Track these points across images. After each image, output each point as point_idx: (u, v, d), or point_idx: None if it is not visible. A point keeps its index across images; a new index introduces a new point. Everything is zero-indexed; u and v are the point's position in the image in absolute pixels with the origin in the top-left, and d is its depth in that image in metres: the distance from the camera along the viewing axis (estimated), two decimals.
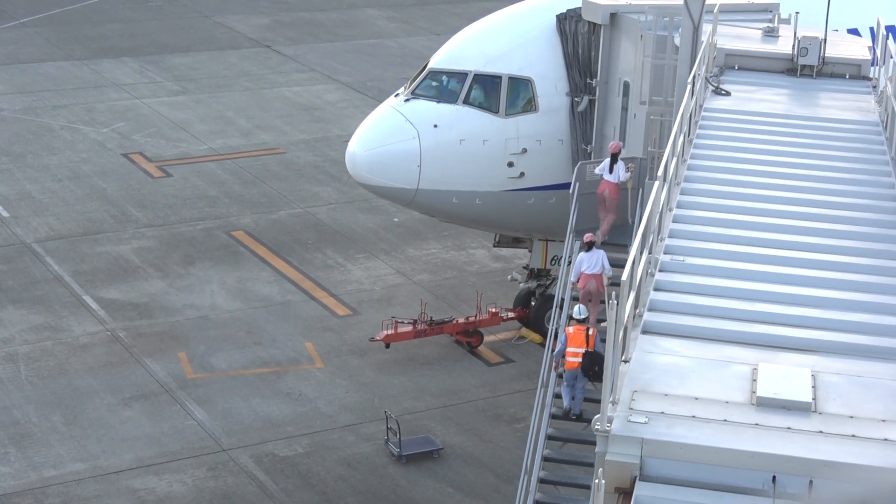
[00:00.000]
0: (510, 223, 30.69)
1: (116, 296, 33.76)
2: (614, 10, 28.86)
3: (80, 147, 44.38)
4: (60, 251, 36.32)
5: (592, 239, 24.32)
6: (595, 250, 24.21)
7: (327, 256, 36.47)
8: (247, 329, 32.26)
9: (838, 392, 14.88)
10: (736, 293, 17.44)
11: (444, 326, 31.26)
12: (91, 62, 54.30)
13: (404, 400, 29.33)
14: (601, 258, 24.12)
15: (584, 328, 22.27)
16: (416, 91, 29.58)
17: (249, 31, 60.23)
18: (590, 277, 24.08)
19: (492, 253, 36.37)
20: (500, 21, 30.79)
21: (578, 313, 22.45)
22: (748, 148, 22.66)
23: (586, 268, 24.11)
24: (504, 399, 29.61)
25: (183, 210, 39.35)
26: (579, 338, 22.21)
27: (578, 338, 22.22)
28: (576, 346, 22.23)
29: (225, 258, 36.17)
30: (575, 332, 22.27)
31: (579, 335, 22.22)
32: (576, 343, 22.23)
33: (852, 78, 27.19)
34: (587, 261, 24.13)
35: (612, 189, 25.86)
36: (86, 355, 30.82)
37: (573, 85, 29.51)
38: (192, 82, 52.06)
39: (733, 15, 29.51)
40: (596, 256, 24.15)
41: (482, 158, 29.16)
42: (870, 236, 19.50)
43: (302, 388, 29.65)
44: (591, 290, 24.03)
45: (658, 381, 14.91)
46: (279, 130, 46.72)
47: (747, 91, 25.94)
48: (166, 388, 29.48)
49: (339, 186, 41.19)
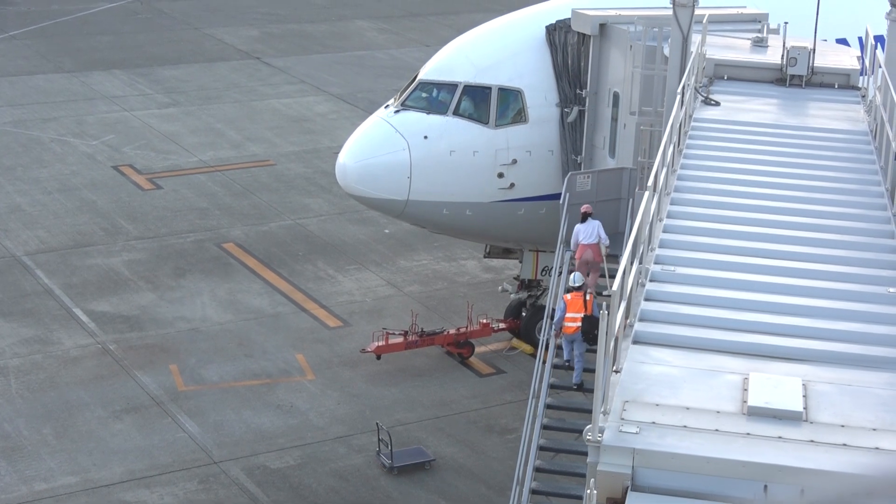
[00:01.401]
0: (501, 234, 30.71)
1: (107, 308, 33.72)
2: (603, 20, 28.91)
3: (70, 159, 44.35)
4: (51, 264, 36.27)
5: (589, 210, 25.22)
6: (591, 220, 25.12)
7: (318, 268, 36.46)
8: (238, 341, 32.24)
9: (829, 401, 14.89)
10: (727, 303, 17.46)
11: (435, 337, 31.26)
12: (81, 74, 54.29)
13: (396, 411, 29.31)
14: (597, 228, 25.04)
15: (581, 294, 23.14)
16: (406, 102, 29.60)
17: (239, 42, 60.24)
18: (587, 247, 24.93)
19: (482, 264, 36.38)
20: (489, 32, 30.84)
21: (574, 281, 23.31)
22: (738, 158, 22.69)
23: (583, 238, 25.00)
24: (495, 410, 29.61)
25: (173, 222, 39.32)
26: (577, 303, 23.10)
27: (577, 303, 23.11)
28: (574, 312, 23.11)
29: (215, 270, 36.15)
30: (573, 298, 23.16)
31: (577, 301, 23.10)
32: (574, 308, 23.12)
33: (841, 88, 27.26)
34: (583, 231, 25.04)
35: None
36: (76, 368, 30.77)
37: (563, 95, 29.56)
38: (181, 94, 52.05)
39: (722, 25, 29.57)
40: (592, 227, 25.08)
41: (472, 169, 29.19)
42: (860, 245, 19.54)
43: (293, 400, 29.61)
44: (587, 260, 24.86)
45: (649, 392, 14.91)
46: (269, 142, 46.72)
47: (737, 101, 25.98)
48: (157, 400, 29.43)
49: (330, 198, 41.19)
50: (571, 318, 23.15)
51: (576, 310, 23.12)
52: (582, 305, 23.05)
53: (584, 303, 23.05)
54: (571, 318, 23.15)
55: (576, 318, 23.04)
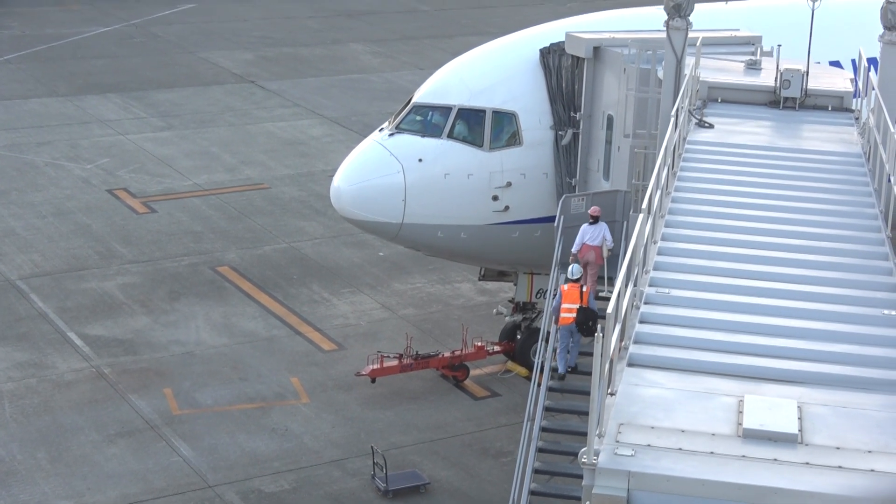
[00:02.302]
0: (495, 257, 30.71)
1: (101, 332, 33.67)
2: (597, 43, 28.97)
3: (64, 183, 44.34)
4: (45, 288, 36.23)
5: (597, 213, 25.76)
6: (599, 223, 25.74)
7: (313, 291, 36.44)
8: (232, 364, 32.19)
9: (824, 423, 14.89)
10: (721, 325, 17.46)
11: (429, 360, 31.22)
12: (75, 98, 54.33)
13: (391, 434, 29.25)
14: (603, 231, 25.69)
15: (577, 285, 23.59)
16: (401, 125, 29.63)
17: (234, 66, 60.32)
18: (590, 248, 25.53)
19: (477, 286, 36.37)
20: (483, 55, 30.89)
21: (571, 273, 23.83)
22: (732, 180, 22.73)
23: (588, 239, 25.62)
24: (490, 433, 29.56)
25: (168, 246, 39.30)
26: (573, 294, 23.49)
27: (572, 294, 23.49)
28: (570, 303, 23.46)
29: (210, 294, 36.11)
30: (569, 289, 23.59)
31: (573, 292, 23.51)
32: (570, 299, 23.47)
33: (835, 110, 27.32)
34: (590, 233, 25.67)
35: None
36: (70, 392, 30.71)
37: (557, 118, 29.60)
38: (176, 118, 52.09)
39: (716, 48, 29.63)
40: (598, 229, 25.74)
41: (467, 192, 29.20)
42: (855, 267, 19.56)
43: (288, 424, 29.56)
44: (589, 261, 25.44)
45: (644, 414, 14.91)
46: (264, 165, 46.74)
47: (730, 123, 26.03)
48: (151, 424, 29.37)
49: (325, 221, 41.19)
50: (567, 308, 23.51)
51: (571, 301, 23.49)
52: (578, 297, 23.45)
53: (580, 294, 23.46)
54: (567, 308, 23.51)
55: (571, 308, 23.43)
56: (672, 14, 26.36)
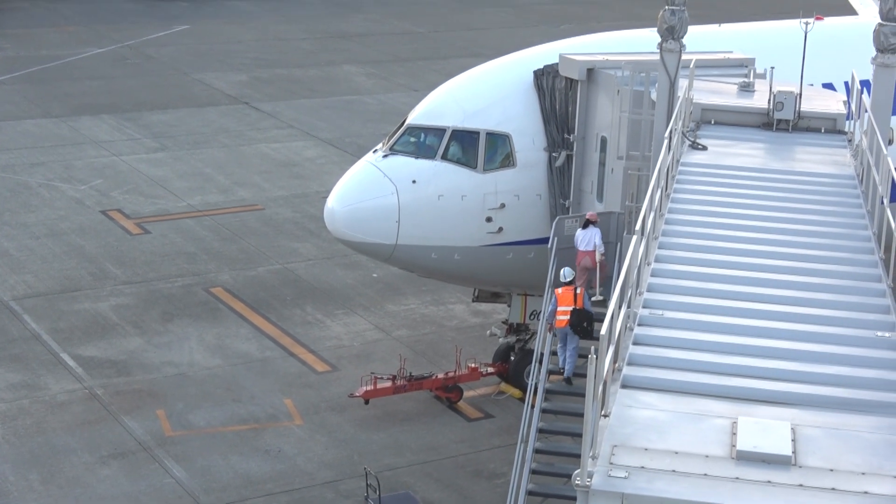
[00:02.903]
0: (489, 278, 30.71)
1: (94, 353, 33.62)
2: (591, 65, 29.04)
3: (58, 204, 44.32)
4: (38, 309, 36.18)
5: (590, 217, 26.34)
6: (591, 228, 26.26)
7: (306, 312, 36.41)
8: (225, 386, 32.14)
9: (818, 445, 14.89)
10: (715, 347, 17.47)
11: (423, 382, 31.19)
12: (69, 119, 54.35)
13: (384, 456, 29.21)
14: (594, 236, 26.13)
15: (571, 288, 24.20)
16: (395, 147, 29.66)
17: (227, 87, 60.38)
18: (585, 254, 26.09)
19: (471, 308, 36.35)
20: (477, 77, 30.94)
21: (564, 276, 24.46)
22: (725, 202, 22.77)
23: (580, 244, 26.26)
24: (484, 455, 29.52)
25: (161, 267, 39.27)
26: (567, 297, 24.08)
27: (567, 297, 24.09)
28: (564, 305, 24.06)
29: (203, 315, 36.08)
30: (563, 292, 24.18)
31: (567, 294, 24.10)
32: (564, 302, 24.08)
33: (828, 132, 27.39)
34: (581, 238, 26.25)
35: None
36: (63, 413, 30.64)
37: (551, 140, 29.64)
38: (170, 139, 52.12)
39: (709, 70, 29.71)
40: (589, 235, 26.20)
41: (460, 214, 29.22)
42: (848, 289, 19.59)
43: (281, 445, 29.50)
44: (586, 266, 26.02)
45: (638, 436, 14.90)
46: (258, 187, 46.75)
47: (724, 145, 26.09)
48: (144, 445, 29.31)
49: (318, 242, 41.19)
50: (562, 311, 23.99)
51: (566, 303, 23.96)
52: (572, 299, 23.90)
53: (573, 297, 23.91)
54: (562, 311, 23.99)
55: (566, 311, 23.90)
56: (665, 36, 26.44)
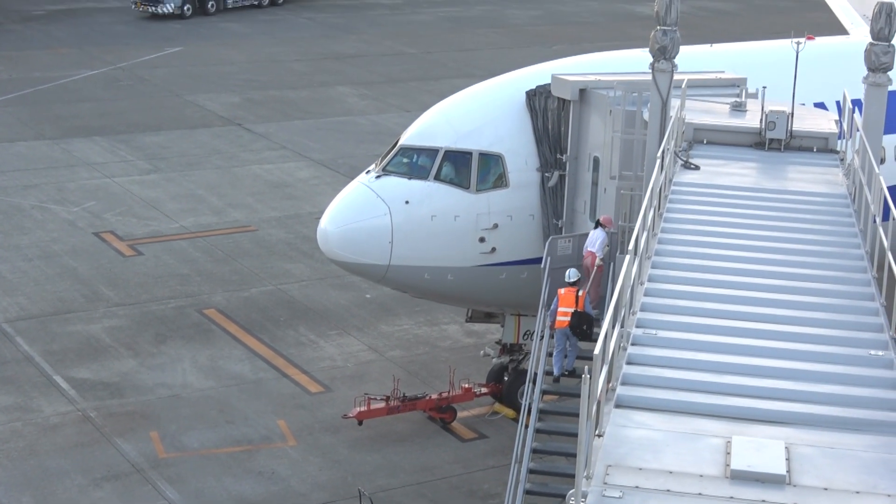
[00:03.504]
0: (482, 298, 30.71)
1: (87, 375, 33.56)
2: (583, 85, 29.09)
3: (50, 226, 44.29)
4: (31, 331, 36.12)
5: (602, 220, 26.87)
6: (598, 230, 26.70)
7: (299, 333, 36.38)
8: (219, 407, 32.09)
9: (812, 464, 14.89)
10: (708, 366, 17.48)
11: (417, 402, 31.15)
12: (62, 141, 54.33)
13: (378, 477, 29.15)
14: (597, 238, 26.54)
15: (574, 290, 24.61)
16: (388, 167, 29.68)
17: (220, 109, 60.41)
18: (589, 254, 26.58)
19: (464, 328, 36.34)
20: (470, 97, 30.99)
21: (568, 276, 24.94)
22: (718, 221, 22.80)
23: (588, 244, 26.77)
24: (478, 475, 29.47)
25: (154, 288, 39.23)
26: (569, 298, 24.54)
27: (568, 298, 24.54)
28: (566, 306, 24.50)
29: (196, 336, 36.04)
30: (566, 293, 24.64)
31: (570, 296, 24.57)
32: (566, 303, 24.54)
33: (820, 151, 27.43)
34: (590, 238, 26.75)
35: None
36: (56, 436, 30.57)
37: (543, 160, 29.68)
38: (163, 161, 52.11)
39: (701, 90, 29.76)
40: (594, 236, 26.67)
41: (454, 234, 29.23)
42: (841, 308, 19.61)
43: (275, 467, 29.44)
44: (586, 265, 26.46)
45: (632, 456, 14.90)
46: (251, 208, 46.75)
47: (716, 165, 26.14)
48: (138, 468, 29.23)
49: (311, 263, 41.18)
50: (563, 312, 24.41)
51: (567, 304, 24.38)
52: (573, 301, 24.30)
53: (575, 298, 24.30)
54: (563, 312, 24.41)
55: (567, 312, 24.35)
56: (657, 56, 26.49)
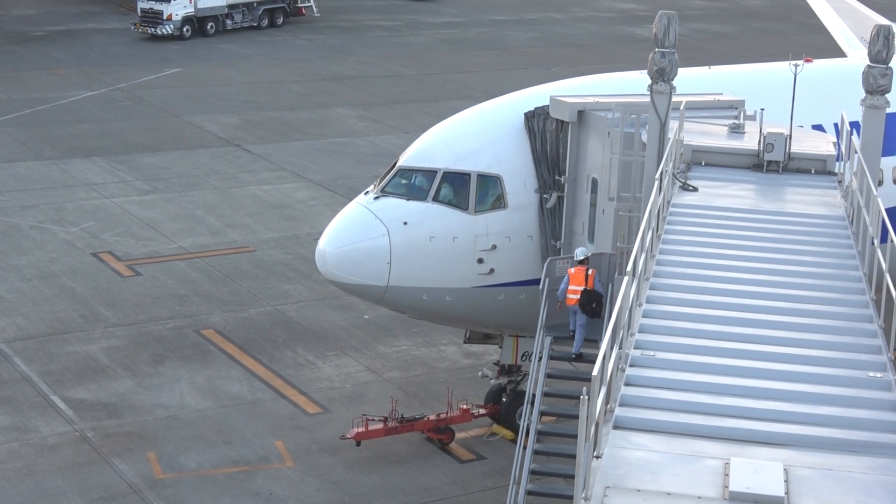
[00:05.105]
0: (481, 319, 30.70)
1: (85, 395, 33.52)
2: (581, 107, 29.13)
3: (48, 247, 44.29)
4: (29, 351, 36.09)
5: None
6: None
7: (297, 354, 36.36)
8: (216, 428, 32.05)
9: (811, 486, 14.88)
10: (707, 388, 17.47)
11: (415, 423, 31.12)
12: (61, 162, 54.38)
13: (376, 498, 29.11)
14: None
15: (584, 268, 25.68)
16: (386, 189, 29.70)
17: (219, 130, 60.48)
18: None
19: (462, 349, 36.33)
20: (468, 119, 31.03)
21: (578, 255, 26.00)
22: (716, 243, 22.82)
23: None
24: (476, 497, 29.43)
25: (152, 309, 39.21)
26: (579, 277, 25.62)
27: (578, 276, 25.63)
28: (576, 285, 25.57)
29: (194, 357, 36.01)
30: (576, 271, 25.74)
31: (579, 274, 25.65)
32: (576, 281, 25.62)
33: (818, 173, 27.47)
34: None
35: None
36: (53, 456, 30.53)
37: (542, 182, 29.70)
38: (161, 181, 52.15)
39: (699, 112, 29.82)
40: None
41: (452, 255, 29.23)
42: (840, 330, 19.62)
43: (272, 488, 29.40)
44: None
45: (630, 477, 14.89)
46: (249, 229, 46.77)
47: (714, 187, 26.17)
48: (135, 488, 29.19)
49: (310, 284, 41.17)
50: (573, 290, 25.39)
51: (577, 283, 25.38)
52: (583, 279, 25.30)
53: (585, 277, 25.27)
54: (573, 290, 25.39)
55: (576, 290, 25.37)
56: (656, 78, 26.55)
